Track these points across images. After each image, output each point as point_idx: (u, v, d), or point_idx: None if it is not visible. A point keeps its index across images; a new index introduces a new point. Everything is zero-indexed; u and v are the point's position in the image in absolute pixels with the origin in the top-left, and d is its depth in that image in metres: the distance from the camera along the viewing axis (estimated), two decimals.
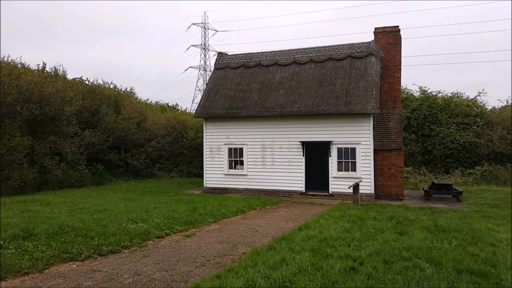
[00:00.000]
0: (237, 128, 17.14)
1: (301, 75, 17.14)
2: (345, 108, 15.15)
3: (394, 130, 15.96)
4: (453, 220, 10.50)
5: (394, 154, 15.60)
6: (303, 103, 15.93)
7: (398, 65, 16.61)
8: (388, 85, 16.57)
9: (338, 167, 15.67)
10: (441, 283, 5.53)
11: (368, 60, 16.38)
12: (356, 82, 15.83)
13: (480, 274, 5.93)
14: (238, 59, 18.99)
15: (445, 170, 23.68)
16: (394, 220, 10.38)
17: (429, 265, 6.41)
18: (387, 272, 6.06)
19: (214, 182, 17.48)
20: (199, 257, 7.16)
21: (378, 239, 8.16)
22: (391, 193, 15.55)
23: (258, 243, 8.12)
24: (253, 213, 12.20)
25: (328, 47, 17.68)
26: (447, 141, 23.79)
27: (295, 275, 5.79)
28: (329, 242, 7.81)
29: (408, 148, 24.01)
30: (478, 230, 9.19)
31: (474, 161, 23.66)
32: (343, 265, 6.28)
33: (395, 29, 16.73)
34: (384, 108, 16.35)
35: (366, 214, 11.20)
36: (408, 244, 7.73)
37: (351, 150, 15.47)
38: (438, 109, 25.28)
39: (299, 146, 16.11)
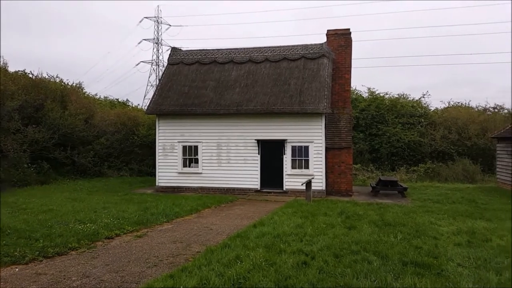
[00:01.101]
0: (192, 126, 16.93)
1: (257, 73, 17.26)
2: (299, 108, 15.47)
3: (344, 129, 16.53)
4: (399, 215, 11.06)
5: (344, 152, 16.16)
6: (259, 101, 16.05)
7: (348, 67, 17.19)
8: (339, 86, 17.11)
9: (292, 165, 15.98)
10: (387, 275, 5.80)
11: (321, 61, 16.82)
12: (309, 83, 16.21)
13: (423, 266, 6.29)
14: (193, 55, 18.74)
15: (391, 167, 24.88)
16: (343, 215, 10.77)
17: (377, 258, 6.72)
18: (337, 265, 6.28)
19: (167, 181, 17.15)
20: (151, 257, 7.01)
21: (329, 234, 8.43)
22: (341, 189, 16.10)
23: (212, 242, 8.09)
24: (207, 212, 12.13)
25: (283, 47, 17.94)
26: (393, 140, 25.02)
27: (249, 272, 5.84)
28: (283, 238, 7.97)
29: (357, 146, 24.96)
30: (422, 224, 9.75)
31: (418, 159, 25.07)
32: (296, 260, 6.43)
33: (346, 31, 17.30)
34: (335, 108, 16.87)
35: (318, 210, 11.51)
36: (357, 238, 8.06)
37: (305, 148, 15.84)
38: (385, 109, 26.51)
39: (255, 144, 16.23)
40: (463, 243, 7.87)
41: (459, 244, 7.80)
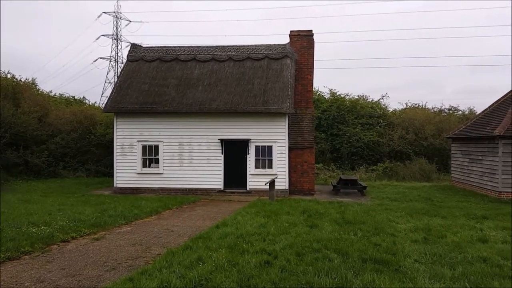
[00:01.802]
0: (152, 125, 16.51)
1: (220, 72, 17.11)
2: (263, 107, 15.49)
3: (306, 129, 16.74)
4: (359, 213, 11.31)
5: (306, 152, 16.36)
6: (222, 100, 15.92)
7: (311, 68, 17.44)
8: (301, 86, 17.31)
9: (255, 165, 15.98)
10: (348, 272, 5.89)
11: (284, 62, 16.94)
12: (273, 83, 16.27)
13: (382, 262, 6.44)
14: (153, 52, 18.31)
15: (351, 166, 25.52)
16: (306, 214, 10.88)
17: (337, 255, 6.82)
18: (299, 264, 6.32)
19: (126, 182, 16.61)
20: (109, 260, 6.76)
21: (291, 233, 8.47)
22: (304, 188, 16.29)
23: (173, 244, 7.91)
24: (168, 213, 11.86)
25: (247, 47, 17.91)
26: (353, 140, 25.67)
27: (211, 273, 5.78)
28: (246, 238, 7.92)
29: (319, 146, 25.40)
30: (380, 222, 10.01)
31: (377, 158, 25.85)
32: (259, 259, 6.41)
33: (309, 33, 17.53)
34: (298, 108, 17.05)
35: (281, 209, 11.56)
36: (319, 236, 8.15)
37: (268, 148, 15.89)
38: (346, 110, 27.16)
39: (218, 144, 16.08)
40: (419, 240, 8.14)
41: (416, 241, 8.06)
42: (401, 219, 10.55)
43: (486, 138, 16.06)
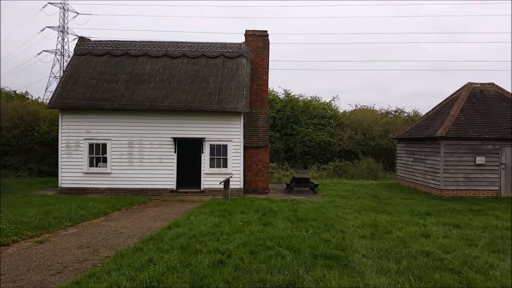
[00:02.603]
0: (100, 122, 15.84)
1: (174, 69, 16.77)
2: (218, 106, 15.38)
3: (261, 129, 16.86)
4: (310, 210, 11.58)
5: (261, 151, 16.49)
6: (176, 98, 15.61)
7: (266, 68, 17.58)
8: (257, 86, 17.41)
9: (210, 164, 15.84)
10: (299, 268, 6.01)
11: (240, 61, 16.93)
12: (228, 81, 16.21)
13: (332, 258, 6.64)
14: (102, 46, 17.58)
15: (304, 165, 26.07)
16: (260, 212, 10.96)
17: (290, 252, 6.93)
18: (253, 262, 6.35)
19: (72, 182, 15.81)
20: (54, 264, 6.42)
21: (246, 231, 8.50)
22: (258, 187, 16.41)
23: (123, 246, 7.65)
24: (117, 214, 11.44)
25: (202, 44, 17.70)
26: (306, 139, 26.25)
27: (163, 274, 5.68)
28: (199, 238, 7.84)
29: (273, 145, 25.70)
30: (331, 218, 10.31)
31: (327, 157, 26.61)
32: (212, 259, 6.37)
33: (264, 33, 17.66)
34: (253, 108, 17.13)
35: (235, 208, 11.56)
36: (272, 234, 8.24)
37: (223, 147, 15.81)
38: (299, 110, 27.70)
39: (171, 143, 15.75)
40: (367, 236, 8.47)
41: (363, 237, 8.38)
42: (350, 216, 10.92)
43: (429, 139, 17.05)
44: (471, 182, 15.90)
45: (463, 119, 16.59)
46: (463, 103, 17.46)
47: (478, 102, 17.63)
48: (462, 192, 15.85)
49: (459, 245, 7.70)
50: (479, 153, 15.86)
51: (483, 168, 15.89)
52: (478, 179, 15.92)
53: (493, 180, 15.92)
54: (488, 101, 17.74)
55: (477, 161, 15.80)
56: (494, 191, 15.88)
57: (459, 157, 15.89)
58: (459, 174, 15.90)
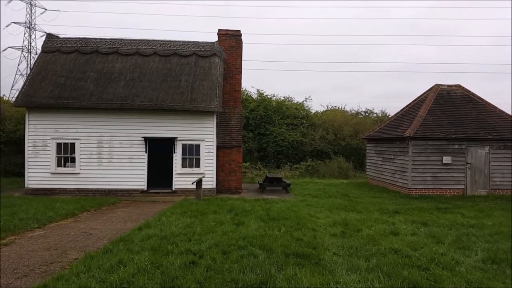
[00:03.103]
0: (69, 121, 15.37)
1: (145, 67, 16.48)
2: (190, 105, 15.23)
3: (234, 129, 16.83)
4: (282, 209, 11.67)
5: (234, 151, 16.46)
6: (147, 97, 15.35)
7: (239, 68, 17.56)
8: (230, 86, 17.36)
9: (182, 164, 15.66)
10: (271, 267, 6.05)
11: (212, 60, 16.83)
12: (201, 80, 16.08)
13: (303, 256, 6.72)
14: (71, 44, 17.06)
15: (277, 165, 26.24)
16: (233, 212, 10.95)
17: (262, 251, 6.96)
18: (225, 262, 6.34)
19: (39, 182, 15.27)
20: (20, 267, 6.22)
21: (218, 232, 8.47)
22: (231, 187, 16.37)
23: (92, 247, 7.47)
24: (86, 215, 11.15)
25: (174, 42, 17.48)
26: (279, 139, 26.43)
27: (133, 276, 5.62)
28: (170, 239, 7.76)
29: (246, 145, 25.72)
30: (303, 217, 10.42)
31: (300, 157, 26.89)
32: (184, 260, 6.33)
33: (237, 33, 17.63)
34: (226, 107, 17.08)
35: (208, 208, 11.49)
36: (244, 233, 8.26)
37: (196, 147, 15.67)
38: (272, 110, 27.86)
39: (142, 142, 15.47)
40: (338, 234, 8.61)
41: (334, 235, 8.52)
42: (321, 215, 11.08)
43: (397, 139, 17.52)
44: (438, 181, 16.45)
45: (431, 120, 17.14)
46: (430, 104, 18.04)
47: (445, 103, 18.26)
48: (430, 190, 16.38)
49: (426, 243, 7.95)
50: (446, 153, 16.44)
51: (449, 167, 16.47)
52: (445, 178, 16.49)
53: (459, 179, 16.53)
54: (454, 102, 18.40)
55: (444, 161, 16.37)
56: (460, 190, 16.50)
57: (427, 156, 16.41)
58: (427, 173, 16.42)
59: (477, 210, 12.44)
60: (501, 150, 16.65)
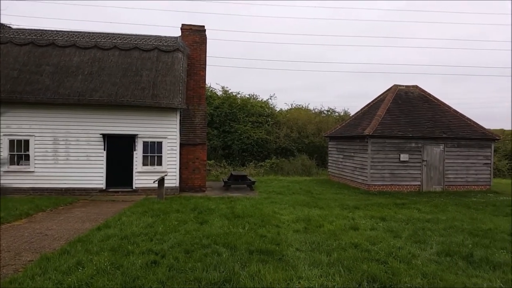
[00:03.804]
0: (22, 116, 14.59)
1: (104, 61, 15.93)
2: (152, 101, 14.88)
3: (199, 126, 16.65)
4: (247, 207, 11.69)
5: (198, 149, 16.28)
6: (106, 92, 14.84)
7: (203, 64, 17.36)
8: (194, 82, 17.14)
9: (143, 162, 15.28)
10: (235, 265, 6.05)
11: (175, 55, 16.54)
12: (163, 76, 15.75)
13: (267, 253, 6.76)
14: (26, 35, 16.19)
15: (242, 163, 26.27)
16: (196, 211, 10.83)
17: (226, 249, 6.94)
18: (188, 261, 6.27)
19: None
20: None
21: (181, 231, 8.36)
22: (195, 185, 16.19)
23: (48, 248, 7.15)
24: (42, 216, 10.64)
25: (135, 36, 17.01)
26: (244, 137, 26.47)
27: (92, 277, 5.46)
28: (131, 239, 7.58)
29: (211, 143, 25.56)
30: (267, 214, 10.49)
31: (265, 155, 27.08)
32: (145, 260, 6.22)
33: (201, 28, 17.41)
34: (190, 104, 16.85)
35: (170, 207, 11.31)
36: (208, 232, 8.20)
37: (158, 144, 15.34)
38: (237, 108, 27.84)
39: (100, 139, 14.96)
40: (301, 230, 8.74)
41: (297, 231, 8.64)
42: (285, 211, 11.21)
43: (357, 137, 18.01)
44: (396, 177, 17.08)
45: (389, 119, 17.75)
46: (389, 104, 18.68)
47: (403, 103, 18.97)
48: (388, 187, 16.98)
49: (384, 237, 8.23)
50: (403, 150, 17.09)
51: (406, 164, 17.14)
52: (402, 175, 17.15)
53: (415, 176, 17.24)
54: (412, 102, 19.16)
55: (401, 158, 17.01)
56: (417, 186, 17.21)
57: (385, 154, 16.99)
58: (385, 170, 17.00)
59: (432, 205, 13.02)
60: (455, 148, 17.52)
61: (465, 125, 18.19)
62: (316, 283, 5.44)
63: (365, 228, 9.16)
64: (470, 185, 17.65)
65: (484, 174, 17.85)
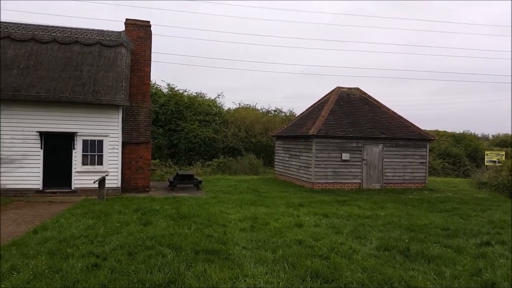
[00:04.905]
0: None
1: (42, 55, 14.97)
2: (93, 98, 14.23)
3: (143, 124, 16.18)
4: (193, 207, 11.58)
5: (142, 147, 15.82)
6: (44, 87, 13.96)
7: (148, 60, 16.90)
8: (138, 78, 16.63)
9: (83, 161, 14.56)
10: (180, 265, 6.00)
11: (118, 50, 15.95)
12: (105, 72, 15.13)
13: (213, 252, 6.77)
14: None
15: (188, 162, 25.92)
16: (139, 212, 10.55)
17: (171, 250, 6.85)
18: (131, 263, 6.13)
19: None
20: None
21: (123, 232, 8.12)
22: (138, 185, 15.72)
23: None
24: None
25: (75, 30, 16.17)
26: (191, 136, 26.13)
27: (29, 282, 5.23)
28: (70, 242, 7.25)
29: (156, 141, 24.94)
30: (213, 214, 10.47)
31: (212, 154, 26.93)
32: (86, 263, 6.01)
33: (146, 23, 16.94)
34: (134, 101, 16.34)
35: (112, 209, 10.93)
36: (152, 233, 8.03)
37: (98, 143, 14.70)
38: (184, 106, 27.41)
39: (37, 137, 14.05)
40: (247, 228, 8.84)
41: (244, 229, 8.72)
42: (232, 210, 11.26)
43: (303, 137, 18.52)
44: (338, 175, 17.78)
45: (332, 120, 18.44)
46: (332, 105, 19.39)
47: (345, 105, 19.78)
48: (331, 185, 17.63)
49: (327, 233, 8.56)
50: (345, 150, 17.83)
51: (348, 163, 17.89)
52: (344, 173, 17.88)
53: (356, 174, 18.06)
54: (353, 104, 20.03)
55: (343, 157, 17.73)
56: (357, 184, 18.03)
57: (328, 153, 17.62)
58: (328, 169, 17.64)
59: (371, 202, 13.72)
60: (393, 148, 18.58)
61: (402, 126, 19.34)
62: (261, 280, 5.55)
63: (309, 225, 9.45)
64: (407, 183, 18.80)
65: (420, 173, 19.10)
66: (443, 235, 8.71)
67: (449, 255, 6.98)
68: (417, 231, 9.03)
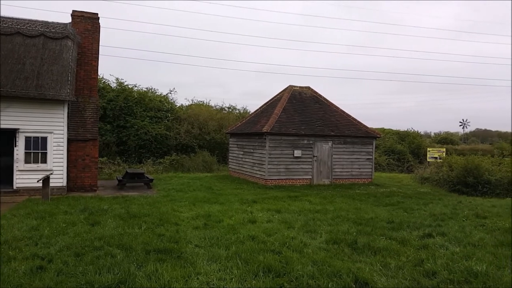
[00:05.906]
0: None
1: None
2: (36, 92, 13.43)
3: (90, 120, 15.53)
4: (144, 206, 11.32)
5: (89, 145, 15.19)
6: None
7: (96, 54, 16.23)
8: (84, 72, 15.93)
9: (25, 159, 13.72)
10: (131, 266, 5.86)
11: (64, 43, 15.17)
12: (49, 65, 14.32)
13: (165, 251, 6.68)
14: None
15: (138, 160, 25.21)
16: (86, 212, 10.15)
17: (120, 250, 6.68)
18: (79, 264, 5.92)
19: None
20: None
21: (70, 233, 7.80)
22: (85, 184, 15.09)
23: None
24: None
25: (17, 20, 15.14)
26: (141, 132, 25.40)
27: None
28: (12, 244, 6.87)
29: (104, 138, 24.02)
30: (165, 212, 10.30)
31: (164, 151, 26.38)
32: (29, 265, 5.73)
33: (94, 16, 16.24)
34: (80, 96, 15.63)
35: (57, 209, 10.44)
36: (101, 233, 7.78)
37: (42, 140, 13.92)
38: (134, 102, 26.59)
39: None
40: (200, 226, 8.80)
41: (197, 227, 8.67)
42: (185, 208, 11.14)
43: (256, 134, 18.68)
44: (290, 172, 18.15)
45: (285, 117, 18.76)
46: (285, 103, 19.73)
47: (297, 103, 20.20)
48: (283, 181, 17.96)
49: (279, 228, 8.73)
50: (297, 147, 18.23)
51: (299, 160, 18.31)
52: (296, 169, 18.29)
53: (307, 170, 18.53)
54: (305, 102, 20.51)
55: (295, 154, 18.12)
56: (308, 180, 18.51)
57: (281, 150, 17.93)
58: (281, 165, 17.95)
59: (321, 197, 14.15)
60: (342, 145, 19.25)
61: (350, 124, 20.09)
62: (214, 278, 5.56)
63: (262, 220, 9.58)
64: (355, 178, 19.58)
65: (366, 168, 19.96)
66: (388, 228, 9.17)
67: (394, 247, 7.36)
68: (364, 224, 9.43)
